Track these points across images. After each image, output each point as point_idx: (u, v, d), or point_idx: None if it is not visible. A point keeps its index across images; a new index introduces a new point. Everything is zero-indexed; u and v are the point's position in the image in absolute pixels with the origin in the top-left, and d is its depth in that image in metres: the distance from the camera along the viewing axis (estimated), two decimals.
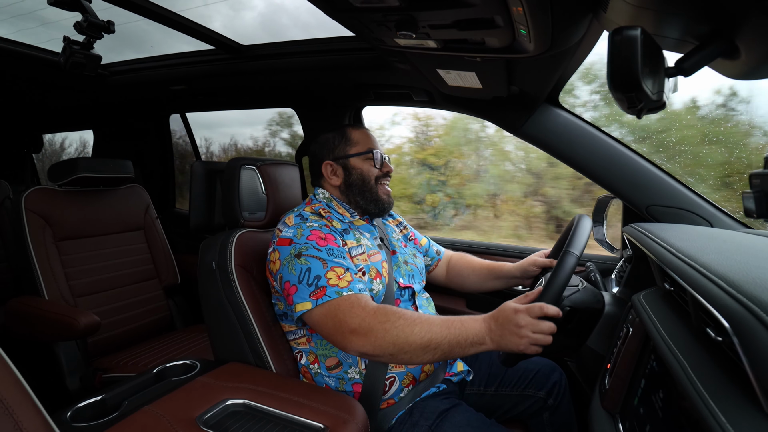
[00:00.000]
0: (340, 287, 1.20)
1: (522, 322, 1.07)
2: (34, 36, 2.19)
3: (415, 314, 1.16)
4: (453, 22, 1.09)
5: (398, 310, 1.17)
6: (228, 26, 1.96)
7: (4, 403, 0.51)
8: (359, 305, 1.17)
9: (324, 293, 1.19)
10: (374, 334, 1.13)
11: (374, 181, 1.50)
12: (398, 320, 1.13)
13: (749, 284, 0.59)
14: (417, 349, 1.11)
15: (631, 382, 0.91)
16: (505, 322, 1.09)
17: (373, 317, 1.14)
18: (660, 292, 1.06)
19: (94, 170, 2.26)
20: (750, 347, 0.53)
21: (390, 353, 1.13)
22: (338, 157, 1.50)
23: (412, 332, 1.11)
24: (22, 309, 1.96)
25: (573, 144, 1.67)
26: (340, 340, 1.17)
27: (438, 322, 1.13)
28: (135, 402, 1.15)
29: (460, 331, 1.12)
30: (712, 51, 0.78)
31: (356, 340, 1.14)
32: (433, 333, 1.11)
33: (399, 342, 1.12)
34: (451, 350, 1.12)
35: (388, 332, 1.12)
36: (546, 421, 1.50)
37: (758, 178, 0.99)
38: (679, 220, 1.53)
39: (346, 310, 1.17)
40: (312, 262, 1.24)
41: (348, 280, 1.22)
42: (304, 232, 1.30)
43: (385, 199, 1.51)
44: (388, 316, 1.14)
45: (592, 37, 1.26)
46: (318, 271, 1.22)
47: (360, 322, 1.15)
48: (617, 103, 0.79)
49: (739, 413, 0.54)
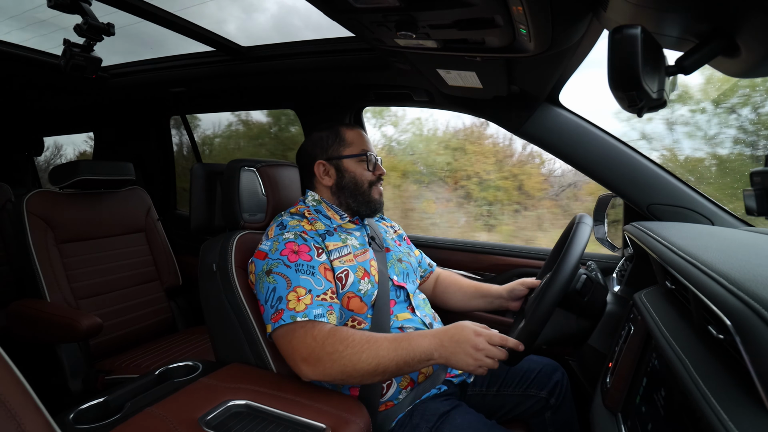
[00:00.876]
0: (297, 311, 1.20)
1: (480, 346, 1.10)
2: (35, 38, 2.19)
3: (364, 337, 1.18)
4: (453, 22, 1.09)
5: (347, 336, 1.18)
6: (241, 28, 1.96)
7: (6, 405, 0.51)
8: (311, 334, 1.18)
9: (281, 316, 1.20)
10: (323, 364, 1.15)
11: (367, 185, 1.49)
12: (346, 349, 1.15)
13: (750, 282, 0.59)
14: (365, 374, 1.14)
15: (633, 380, 0.91)
16: (461, 341, 1.11)
17: (322, 348, 1.16)
18: (661, 290, 1.06)
19: (95, 173, 2.26)
20: (751, 345, 0.53)
21: (340, 379, 1.16)
22: (331, 157, 1.49)
23: (360, 360, 1.14)
24: (25, 311, 1.96)
25: (574, 143, 1.67)
26: (293, 366, 1.20)
27: (386, 345, 1.15)
28: (138, 403, 1.15)
29: (407, 351, 1.14)
30: (712, 49, 0.78)
31: (306, 368, 1.17)
32: (380, 357, 1.14)
33: (347, 370, 1.14)
34: (399, 370, 1.15)
35: (336, 362, 1.14)
36: (548, 420, 1.50)
37: (759, 176, 0.99)
38: (681, 218, 1.53)
39: (299, 338, 1.19)
40: (278, 280, 1.25)
41: (306, 303, 1.22)
42: (279, 246, 1.30)
43: (377, 199, 1.51)
44: (335, 346, 1.16)
45: (593, 36, 1.26)
46: (281, 292, 1.23)
47: (310, 352, 1.16)
48: (618, 102, 0.79)
49: (740, 411, 0.54)
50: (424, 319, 1.44)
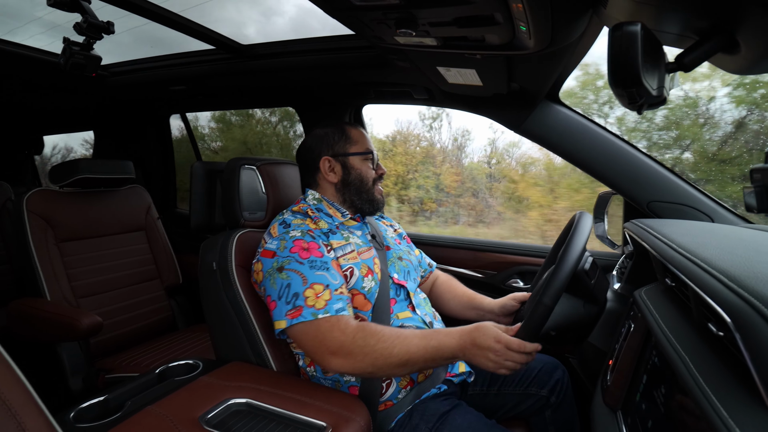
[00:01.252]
0: (317, 308, 1.20)
1: (499, 352, 1.11)
2: (33, 37, 2.19)
3: (394, 332, 1.19)
4: (453, 20, 1.08)
5: (377, 330, 1.19)
6: (261, 32, 1.96)
7: (7, 404, 0.51)
8: (338, 327, 1.19)
9: (300, 313, 1.20)
10: (354, 357, 1.16)
11: (371, 183, 1.50)
12: (378, 343, 1.16)
13: (750, 279, 0.59)
14: (395, 367, 1.16)
15: (633, 377, 0.91)
16: (482, 346, 1.13)
17: (353, 341, 1.17)
18: (661, 287, 1.06)
19: (95, 171, 2.26)
20: (751, 342, 0.53)
21: (369, 372, 1.17)
22: (337, 153, 1.49)
23: (391, 354, 1.15)
24: (25, 310, 1.96)
25: (574, 141, 1.67)
26: (320, 359, 1.20)
27: (416, 341, 1.17)
28: (138, 402, 1.15)
29: (435, 348, 1.16)
30: (712, 46, 0.78)
31: (335, 361, 1.17)
32: (411, 353, 1.15)
33: (378, 363, 1.15)
34: (425, 365, 1.19)
35: (368, 356, 1.15)
36: (548, 418, 1.50)
37: (759, 173, 0.98)
38: (680, 215, 1.53)
39: (325, 332, 1.19)
40: (292, 277, 1.24)
41: (326, 299, 1.22)
42: (287, 244, 1.30)
43: (379, 198, 1.53)
44: (366, 339, 1.16)
45: (593, 33, 1.26)
46: (297, 288, 1.22)
47: (340, 345, 1.17)
48: (618, 99, 0.79)
49: (740, 408, 0.54)
50: (424, 318, 1.44)
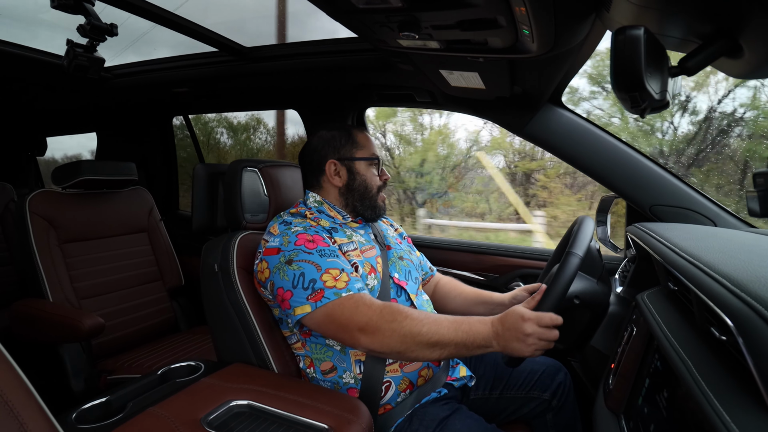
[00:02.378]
0: (338, 288, 1.20)
1: (529, 330, 1.07)
2: (37, 39, 2.20)
3: (423, 313, 1.17)
4: (456, 23, 1.09)
5: (404, 308, 1.17)
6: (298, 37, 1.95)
7: (9, 405, 0.51)
8: (364, 304, 1.18)
9: (322, 296, 1.19)
10: (382, 333, 1.14)
11: (375, 190, 1.49)
12: (405, 320, 1.14)
13: (753, 283, 0.59)
14: (425, 347, 1.12)
15: (636, 381, 0.90)
16: (512, 328, 1.09)
17: (380, 316, 1.15)
18: (664, 291, 1.06)
19: (98, 173, 2.27)
20: (754, 346, 0.53)
21: (398, 351, 1.14)
22: (343, 157, 1.48)
23: (420, 332, 1.12)
24: (27, 311, 1.97)
25: (577, 144, 1.67)
26: (348, 338, 1.18)
27: (446, 324, 1.14)
28: (140, 403, 1.15)
29: (467, 334, 1.12)
30: (715, 50, 0.78)
31: (364, 338, 1.15)
32: (441, 334, 1.12)
33: (407, 341, 1.12)
34: (457, 352, 1.13)
35: (396, 331, 1.13)
36: (549, 422, 1.49)
37: (762, 178, 0.98)
38: (683, 219, 1.53)
39: (351, 309, 1.17)
40: (305, 267, 1.23)
41: (345, 280, 1.22)
42: (291, 239, 1.29)
43: (381, 205, 1.52)
44: (394, 315, 1.15)
45: (596, 36, 1.26)
46: (312, 275, 1.22)
47: (367, 320, 1.15)
48: (621, 103, 0.80)
49: (743, 412, 0.54)
50: None
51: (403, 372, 1.33)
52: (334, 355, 1.31)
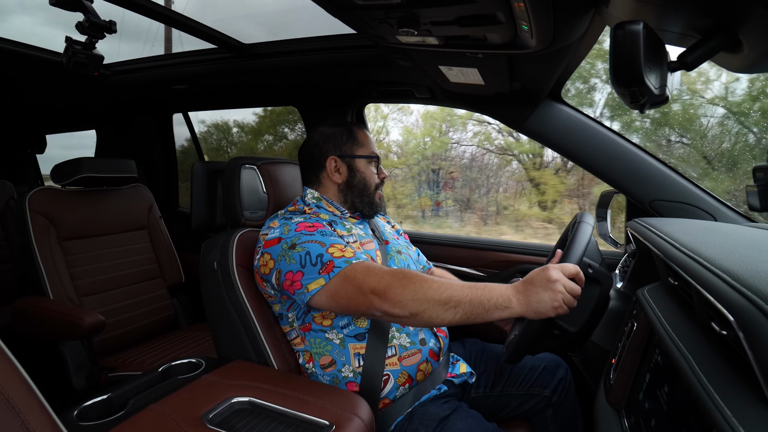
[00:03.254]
0: (347, 257, 1.21)
1: (554, 277, 1.05)
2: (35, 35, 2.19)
3: (433, 276, 1.17)
4: (455, 19, 1.08)
5: (415, 272, 1.18)
6: None
7: (10, 402, 0.51)
8: (375, 267, 1.19)
9: (333, 266, 1.20)
10: (393, 291, 1.13)
11: (374, 187, 1.51)
12: (414, 277, 1.14)
13: (754, 278, 0.59)
14: (437, 305, 1.11)
15: (636, 376, 0.91)
16: (537, 280, 1.07)
17: (391, 275, 1.16)
18: (664, 286, 1.06)
19: (98, 170, 2.27)
20: (754, 340, 0.53)
21: (410, 311, 1.12)
22: (344, 154, 1.49)
23: (430, 288, 1.12)
24: (28, 309, 1.97)
25: (576, 140, 1.67)
26: (363, 301, 1.17)
27: (458, 283, 1.14)
28: (141, 400, 1.15)
29: (483, 292, 1.11)
30: (714, 45, 0.78)
31: (377, 300, 1.14)
32: (453, 290, 1.11)
33: (418, 297, 1.11)
34: (473, 310, 1.10)
35: (407, 288, 1.13)
36: (550, 417, 1.50)
37: (762, 172, 0.98)
38: (683, 214, 1.53)
39: (363, 273, 1.18)
40: (309, 246, 1.25)
41: (351, 251, 1.24)
42: (291, 227, 1.31)
43: (378, 203, 1.53)
44: (405, 273, 1.16)
45: (595, 32, 1.26)
46: (318, 251, 1.23)
47: (378, 280, 1.15)
48: (620, 98, 0.79)
49: (743, 406, 0.54)
50: None
51: (401, 365, 1.33)
52: (333, 349, 1.32)
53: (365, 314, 1.24)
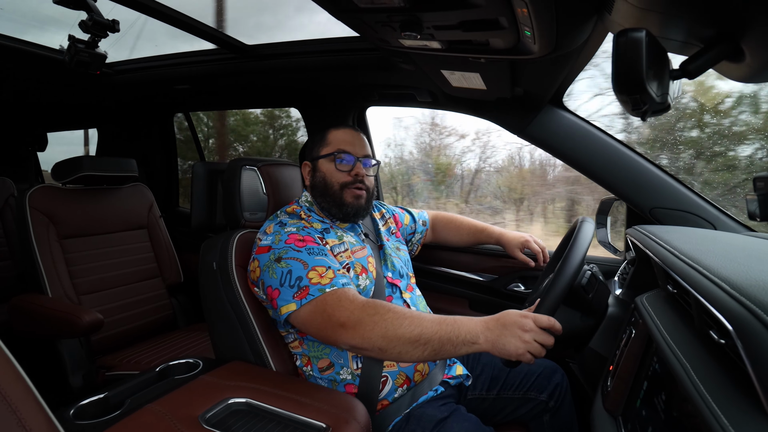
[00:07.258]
0: (323, 284, 1.20)
1: (527, 327, 1.05)
2: (39, 34, 2.19)
3: (406, 310, 1.16)
4: (458, 23, 1.09)
5: (387, 304, 1.17)
6: None
7: (7, 400, 0.51)
8: (347, 298, 1.17)
9: (307, 293, 1.19)
10: (363, 327, 1.12)
11: (338, 186, 1.45)
12: (387, 313, 1.13)
13: (752, 287, 0.59)
14: (406, 343, 1.10)
15: (634, 383, 0.91)
16: (509, 324, 1.07)
17: (362, 310, 1.14)
18: (663, 294, 1.06)
19: (98, 169, 2.27)
20: (753, 349, 0.53)
21: (379, 347, 1.12)
22: (313, 157, 1.50)
23: (401, 325, 1.11)
24: (26, 306, 1.97)
25: (577, 146, 1.67)
26: (331, 334, 1.17)
27: (429, 318, 1.12)
28: (138, 400, 1.15)
29: (452, 328, 1.10)
30: (717, 54, 0.78)
31: (345, 334, 1.14)
32: (424, 327, 1.10)
33: (388, 335, 1.10)
34: (441, 347, 1.09)
35: (377, 324, 1.12)
36: (546, 423, 1.50)
37: (762, 182, 0.98)
38: (683, 222, 1.53)
39: (334, 305, 1.17)
40: (292, 264, 1.24)
41: (330, 277, 1.22)
42: (282, 237, 1.31)
43: (350, 203, 1.45)
44: (377, 308, 1.14)
45: (597, 38, 1.26)
46: (299, 272, 1.22)
47: (349, 315, 1.14)
48: (622, 105, 0.79)
49: (741, 415, 0.54)
50: None
51: (399, 367, 1.33)
52: (332, 352, 1.32)
53: (334, 345, 1.24)
